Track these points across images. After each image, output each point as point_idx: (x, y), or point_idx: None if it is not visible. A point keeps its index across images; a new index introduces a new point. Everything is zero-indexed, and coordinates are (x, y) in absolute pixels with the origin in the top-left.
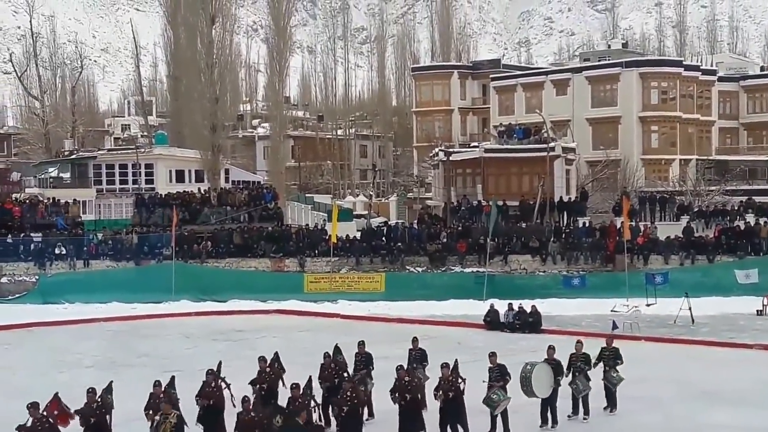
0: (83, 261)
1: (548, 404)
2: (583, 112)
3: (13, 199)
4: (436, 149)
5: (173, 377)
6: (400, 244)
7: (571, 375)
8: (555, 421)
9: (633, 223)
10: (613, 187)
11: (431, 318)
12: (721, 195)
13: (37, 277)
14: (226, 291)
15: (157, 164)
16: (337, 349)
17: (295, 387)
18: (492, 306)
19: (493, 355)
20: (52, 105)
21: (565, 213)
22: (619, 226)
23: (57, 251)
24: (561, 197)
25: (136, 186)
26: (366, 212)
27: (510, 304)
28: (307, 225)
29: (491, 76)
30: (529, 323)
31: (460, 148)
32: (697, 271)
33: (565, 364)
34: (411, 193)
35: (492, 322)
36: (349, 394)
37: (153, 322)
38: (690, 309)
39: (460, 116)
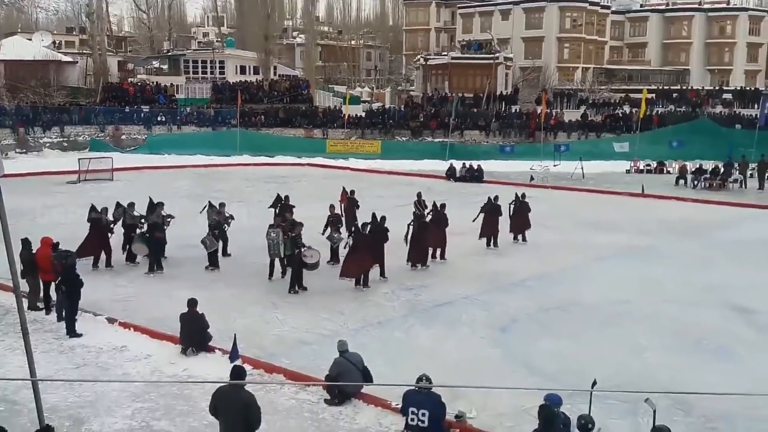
0: (177, 126)
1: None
2: (519, 33)
3: (129, 82)
4: (419, 57)
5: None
6: (391, 121)
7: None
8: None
9: (548, 111)
10: (536, 86)
11: (411, 171)
12: (608, 92)
13: (146, 136)
14: (274, 149)
15: (227, 61)
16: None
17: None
18: (451, 164)
19: (332, 207)
20: (155, 17)
21: (503, 102)
22: (539, 112)
23: (159, 119)
24: (501, 92)
25: (213, 76)
26: (369, 99)
27: (464, 163)
28: (329, 106)
29: (458, 5)
30: (475, 176)
31: (435, 56)
32: (588, 143)
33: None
34: (400, 87)
35: (450, 175)
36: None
37: (224, 170)
38: (582, 168)
39: (436, 34)
